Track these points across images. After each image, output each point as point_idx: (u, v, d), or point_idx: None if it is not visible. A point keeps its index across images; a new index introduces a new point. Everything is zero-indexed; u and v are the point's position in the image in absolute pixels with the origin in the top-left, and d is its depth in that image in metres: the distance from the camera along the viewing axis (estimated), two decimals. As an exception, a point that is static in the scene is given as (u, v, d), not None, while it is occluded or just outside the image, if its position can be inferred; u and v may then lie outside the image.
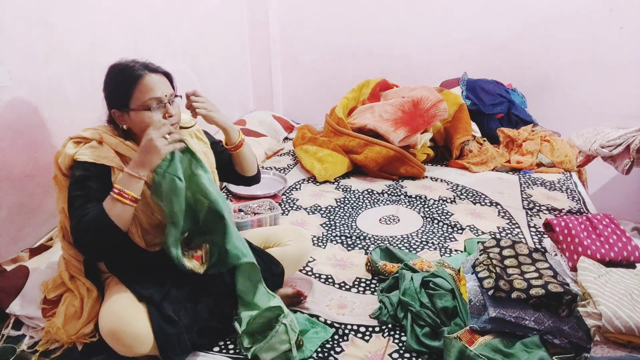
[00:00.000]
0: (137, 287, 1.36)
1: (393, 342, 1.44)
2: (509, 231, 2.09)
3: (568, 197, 2.39)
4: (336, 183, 2.65)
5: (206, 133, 1.68)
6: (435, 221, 2.19)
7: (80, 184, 1.31)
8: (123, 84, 1.32)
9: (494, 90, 3.09)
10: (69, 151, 1.34)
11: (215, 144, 1.68)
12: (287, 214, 2.28)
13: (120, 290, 1.36)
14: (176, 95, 1.41)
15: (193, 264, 1.38)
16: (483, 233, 2.08)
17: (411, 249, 1.95)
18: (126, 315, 1.27)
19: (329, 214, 2.28)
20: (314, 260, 1.87)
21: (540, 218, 2.19)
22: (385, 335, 1.47)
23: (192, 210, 1.39)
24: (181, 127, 1.51)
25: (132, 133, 1.40)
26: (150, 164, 1.26)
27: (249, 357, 1.35)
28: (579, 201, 2.35)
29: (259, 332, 1.38)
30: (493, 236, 2.03)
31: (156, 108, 1.34)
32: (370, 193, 2.52)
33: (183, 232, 1.39)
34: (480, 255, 1.59)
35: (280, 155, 3.11)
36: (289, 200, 2.43)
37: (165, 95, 1.35)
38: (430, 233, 2.09)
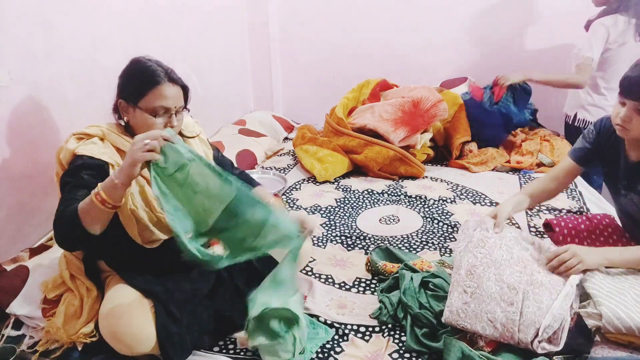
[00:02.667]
0: (142, 284, 1.36)
1: (393, 342, 1.44)
2: (509, 231, 2.09)
3: (568, 197, 2.39)
4: (336, 183, 2.65)
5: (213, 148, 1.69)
6: (435, 221, 2.19)
7: (73, 173, 1.29)
8: (140, 83, 1.34)
9: (489, 121, 2.88)
10: (70, 146, 1.34)
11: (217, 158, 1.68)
12: (287, 214, 2.28)
13: (121, 289, 1.36)
14: (184, 108, 1.42)
15: (215, 250, 1.29)
16: (483, 233, 2.08)
17: (411, 249, 1.95)
18: (127, 314, 1.27)
19: (329, 214, 2.28)
20: (314, 260, 1.87)
21: (540, 218, 2.19)
22: (385, 335, 1.47)
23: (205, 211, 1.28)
24: (184, 136, 1.51)
25: (130, 128, 1.41)
26: (126, 171, 1.16)
27: (250, 346, 1.34)
28: (579, 201, 2.35)
29: (266, 327, 1.33)
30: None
31: (161, 115, 1.36)
32: (370, 193, 2.52)
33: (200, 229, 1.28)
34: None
35: (280, 155, 3.11)
36: (289, 200, 2.43)
37: (175, 107, 1.37)
38: (430, 233, 2.09)
